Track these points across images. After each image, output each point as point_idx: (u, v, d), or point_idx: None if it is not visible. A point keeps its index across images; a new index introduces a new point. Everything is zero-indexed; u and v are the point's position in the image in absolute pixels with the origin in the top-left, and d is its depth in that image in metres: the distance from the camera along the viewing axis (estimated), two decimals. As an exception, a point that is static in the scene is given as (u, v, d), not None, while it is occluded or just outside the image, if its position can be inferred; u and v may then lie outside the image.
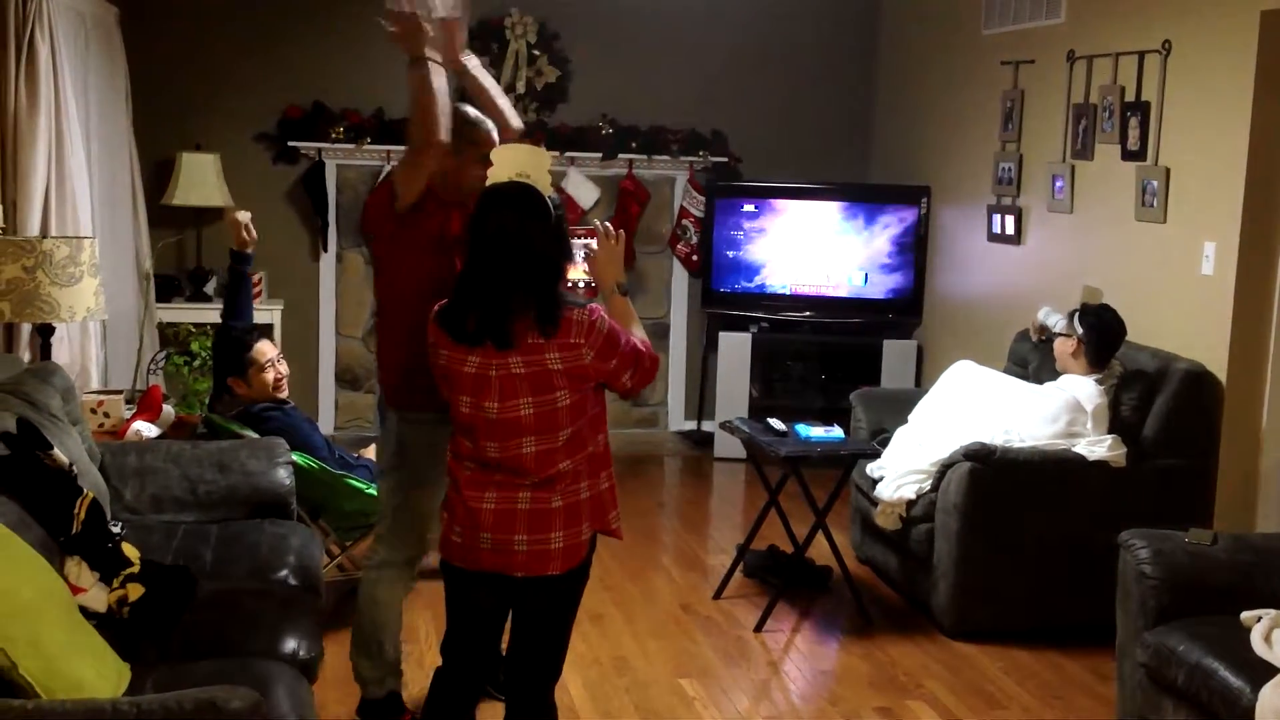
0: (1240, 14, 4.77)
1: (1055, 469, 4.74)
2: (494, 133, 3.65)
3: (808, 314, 7.42)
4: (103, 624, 3.01)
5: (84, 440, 3.96)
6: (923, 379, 7.22)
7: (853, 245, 7.42)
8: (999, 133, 6.46)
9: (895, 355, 7.33)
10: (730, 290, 7.50)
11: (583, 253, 3.27)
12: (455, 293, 2.99)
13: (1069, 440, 4.80)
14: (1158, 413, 4.85)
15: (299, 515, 4.30)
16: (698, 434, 7.84)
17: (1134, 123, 5.33)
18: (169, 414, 5.04)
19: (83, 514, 3.23)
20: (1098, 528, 4.45)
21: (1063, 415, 4.83)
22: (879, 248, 7.40)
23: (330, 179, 7.29)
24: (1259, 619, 3.44)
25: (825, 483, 5.09)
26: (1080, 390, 4.86)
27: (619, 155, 7.58)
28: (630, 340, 2.99)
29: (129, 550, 3.30)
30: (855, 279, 7.43)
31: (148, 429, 4.84)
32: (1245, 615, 3.49)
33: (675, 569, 5.57)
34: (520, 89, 7.42)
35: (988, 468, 4.69)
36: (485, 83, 3.86)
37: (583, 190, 7.54)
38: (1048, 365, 5.19)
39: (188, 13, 7.08)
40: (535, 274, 2.90)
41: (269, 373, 4.73)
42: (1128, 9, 5.45)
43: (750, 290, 7.48)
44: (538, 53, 7.47)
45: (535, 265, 2.90)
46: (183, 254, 7.14)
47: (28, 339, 4.93)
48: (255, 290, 7.01)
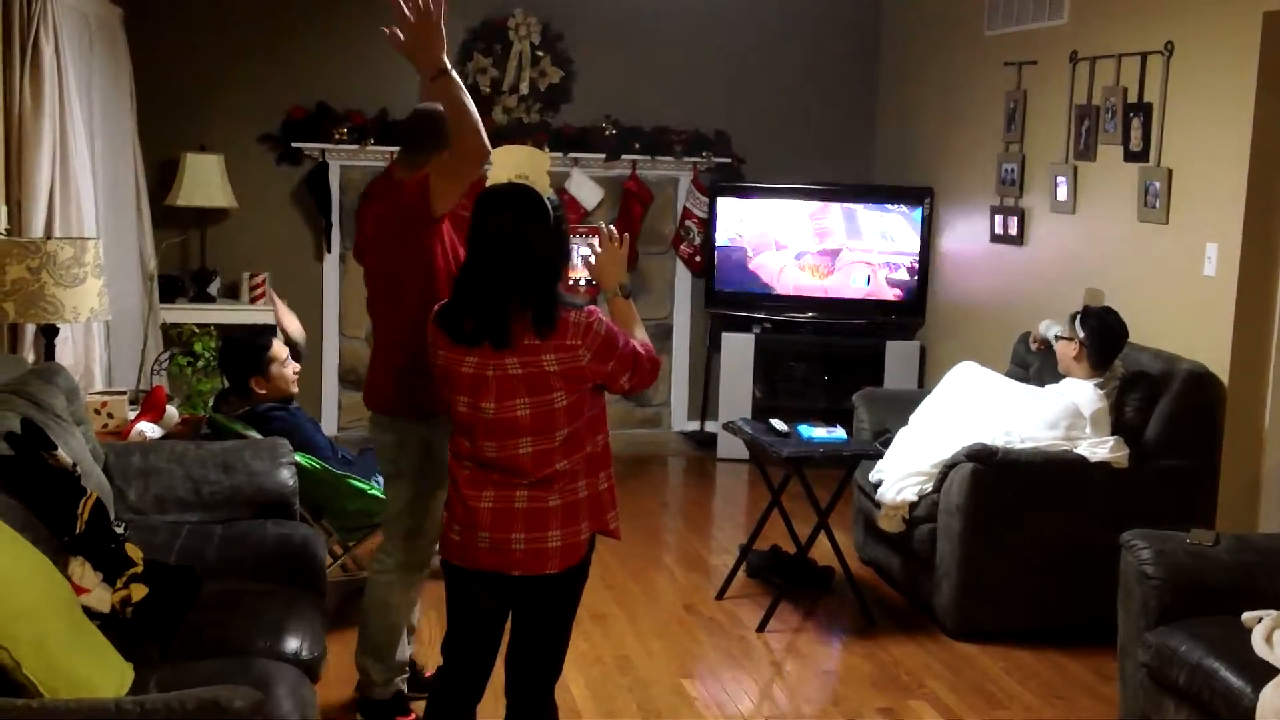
0: (1242, 15, 4.77)
1: (1057, 470, 4.74)
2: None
3: (810, 315, 7.42)
4: (106, 624, 3.01)
5: (88, 441, 3.97)
6: (925, 380, 7.22)
7: (856, 246, 7.42)
8: (1002, 134, 6.46)
9: (898, 356, 7.34)
10: (733, 291, 7.50)
11: (585, 252, 3.27)
12: (454, 293, 3.00)
13: (1069, 444, 4.80)
14: (1160, 414, 4.85)
15: (302, 515, 4.30)
16: (701, 434, 7.84)
17: (1136, 124, 5.33)
18: (172, 414, 5.06)
19: (86, 514, 3.23)
20: (1100, 528, 4.45)
21: (1062, 421, 4.83)
22: (882, 248, 7.40)
23: (334, 180, 7.29)
24: (1260, 620, 3.44)
25: (828, 483, 5.10)
26: (1080, 395, 4.86)
27: (622, 156, 7.58)
28: (629, 343, 2.99)
29: (132, 550, 3.31)
30: (858, 280, 7.43)
31: (151, 429, 4.85)
32: (1246, 616, 3.49)
33: (678, 569, 5.57)
34: (524, 90, 7.43)
35: (990, 468, 4.70)
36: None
37: (586, 191, 7.55)
38: (1049, 367, 5.19)
39: (192, 14, 7.09)
40: (533, 275, 2.90)
41: (287, 368, 4.84)
42: (1130, 10, 5.45)
43: (753, 291, 7.48)
44: (541, 53, 7.47)
45: (533, 266, 2.90)
46: (186, 255, 7.16)
47: (32, 339, 4.94)
48: (259, 291, 7.05)
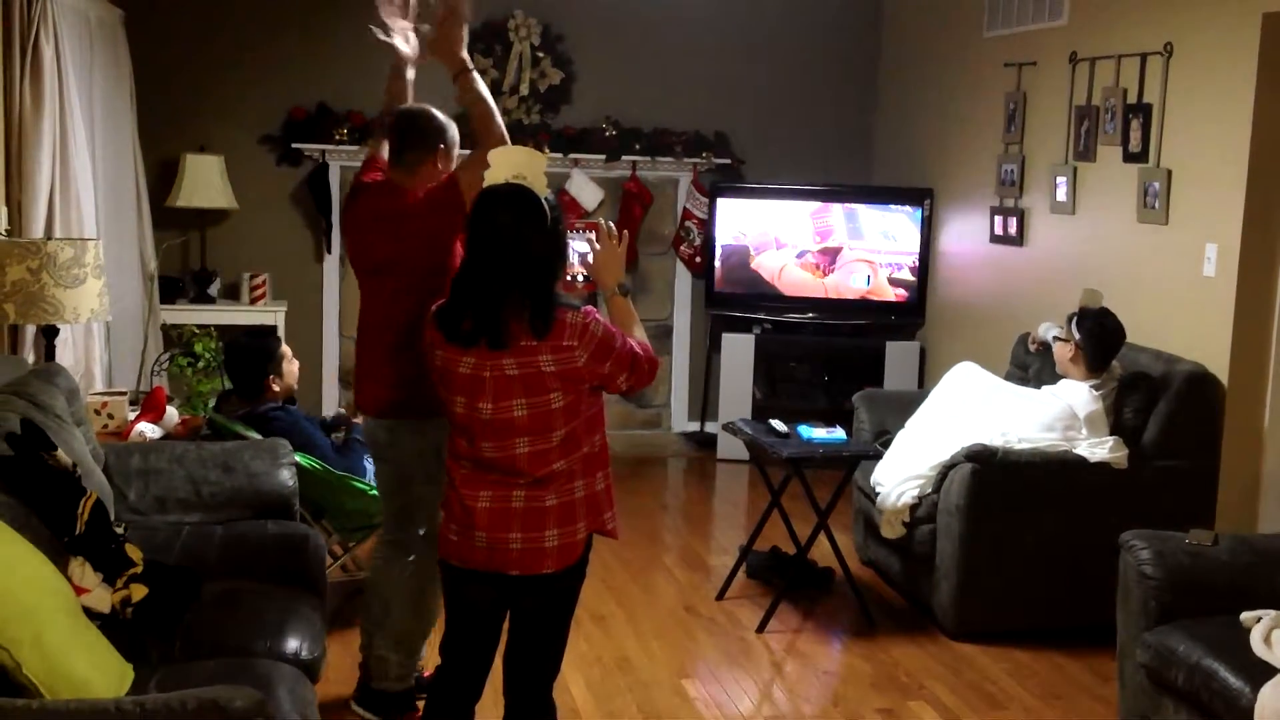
0: (1242, 16, 4.78)
1: (1057, 470, 4.74)
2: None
3: (811, 315, 7.43)
4: (106, 624, 3.01)
5: (88, 441, 3.97)
6: (925, 380, 7.22)
7: (856, 246, 7.42)
8: (1001, 134, 6.46)
9: (898, 357, 7.34)
10: (733, 292, 7.50)
11: (584, 249, 3.26)
12: (451, 293, 3.00)
13: (1066, 445, 4.80)
14: (1159, 414, 4.85)
15: (302, 516, 4.31)
16: (701, 435, 7.84)
17: (1136, 124, 5.33)
18: (172, 415, 5.06)
19: (86, 515, 3.23)
20: (1099, 529, 4.45)
21: (1057, 423, 4.83)
22: (882, 249, 7.41)
23: (334, 180, 7.29)
24: (1259, 619, 3.44)
25: (828, 484, 5.10)
26: (1075, 397, 4.87)
27: (622, 157, 7.58)
28: (627, 343, 2.99)
29: (132, 551, 3.31)
30: (858, 281, 7.43)
31: (151, 430, 4.85)
32: (1245, 616, 3.49)
33: (678, 569, 5.57)
34: (524, 91, 7.43)
35: (989, 469, 4.70)
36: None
37: (586, 192, 7.55)
38: (1048, 368, 5.19)
39: (192, 15, 7.09)
40: (530, 276, 2.90)
41: (294, 364, 4.92)
42: (1130, 11, 5.46)
43: (753, 292, 7.48)
44: (541, 54, 7.48)
45: (530, 267, 2.90)
46: (187, 255, 7.16)
47: (32, 340, 4.94)
48: (259, 292, 7.05)
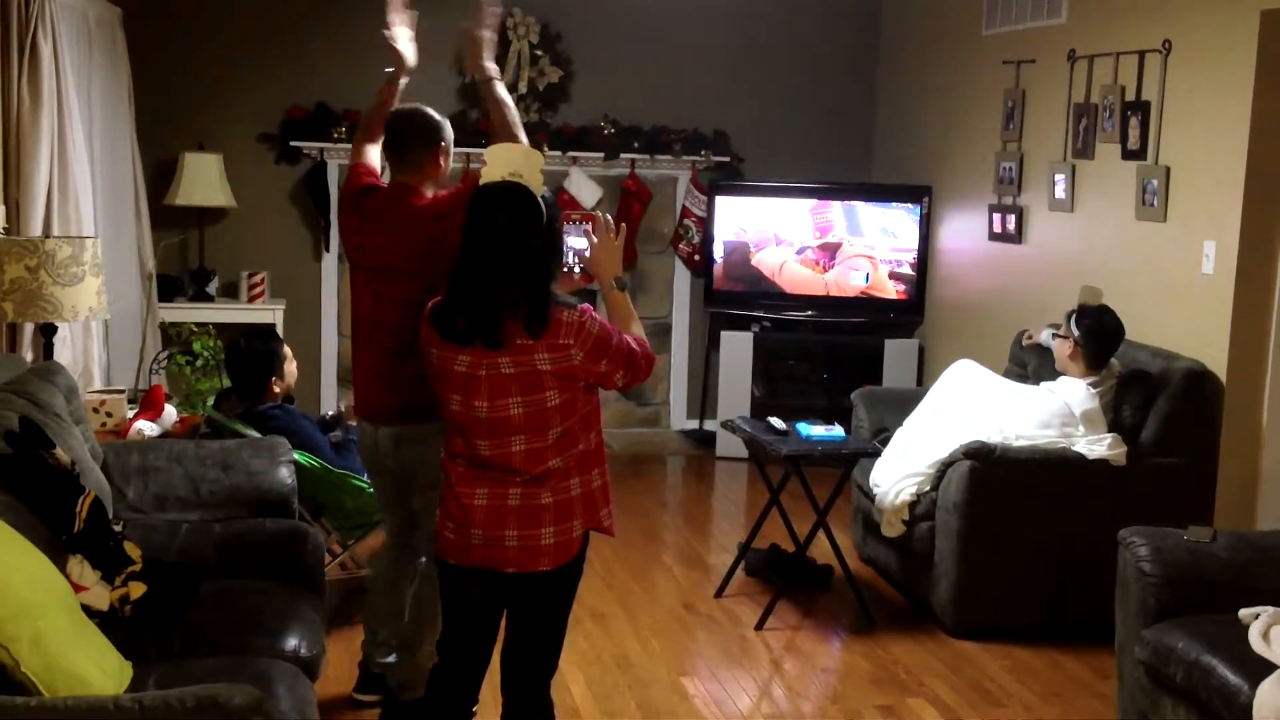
0: (1240, 13, 4.77)
1: (1055, 467, 4.74)
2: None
3: (809, 313, 7.43)
4: (105, 622, 3.01)
5: (87, 439, 3.97)
6: (924, 378, 7.22)
7: (854, 244, 7.42)
8: (1000, 132, 6.46)
9: (897, 354, 7.34)
10: (732, 290, 7.51)
11: (581, 244, 3.25)
12: (447, 292, 3.00)
13: (1065, 442, 4.81)
14: (1158, 411, 4.86)
15: (301, 514, 4.31)
16: (700, 433, 7.84)
17: (1134, 122, 5.33)
18: (171, 413, 5.06)
19: (85, 513, 3.24)
20: (1098, 526, 4.45)
21: (1054, 420, 4.84)
22: (881, 247, 7.41)
23: (332, 179, 7.28)
24: (1257, 616, 3.44)
25: (827, 482, 5.09)
26: (1071, 395, 4.87)
27: (621, 155, 7.58)
28: (623, 340, 2.98)
29: (131, 549, 3.31)
30: (857, 278, 7.43)
31: (150, 428, 4.85)
32: (1244, 612, 3.49)
33: (677, 567, 5.58)
34: (522, 89, 7.42)
35: (988, 466, 4.70)
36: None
37: (585, 190, 7.55)
38: (1047, 365, 5.19)
39: (190, 13, 7.09)
40: (526, 274, 2.89)
41: (293, 364, 4.92)
42: (1128, 9, 5.45)
43: (752, 290, 7.48)
44: (540, 53, 7.48)
45: (526, 265, 2.89)
46: (185, 254, 7.16)
47: (30, 339, 4.94)
48: (258, 291, 7.05)
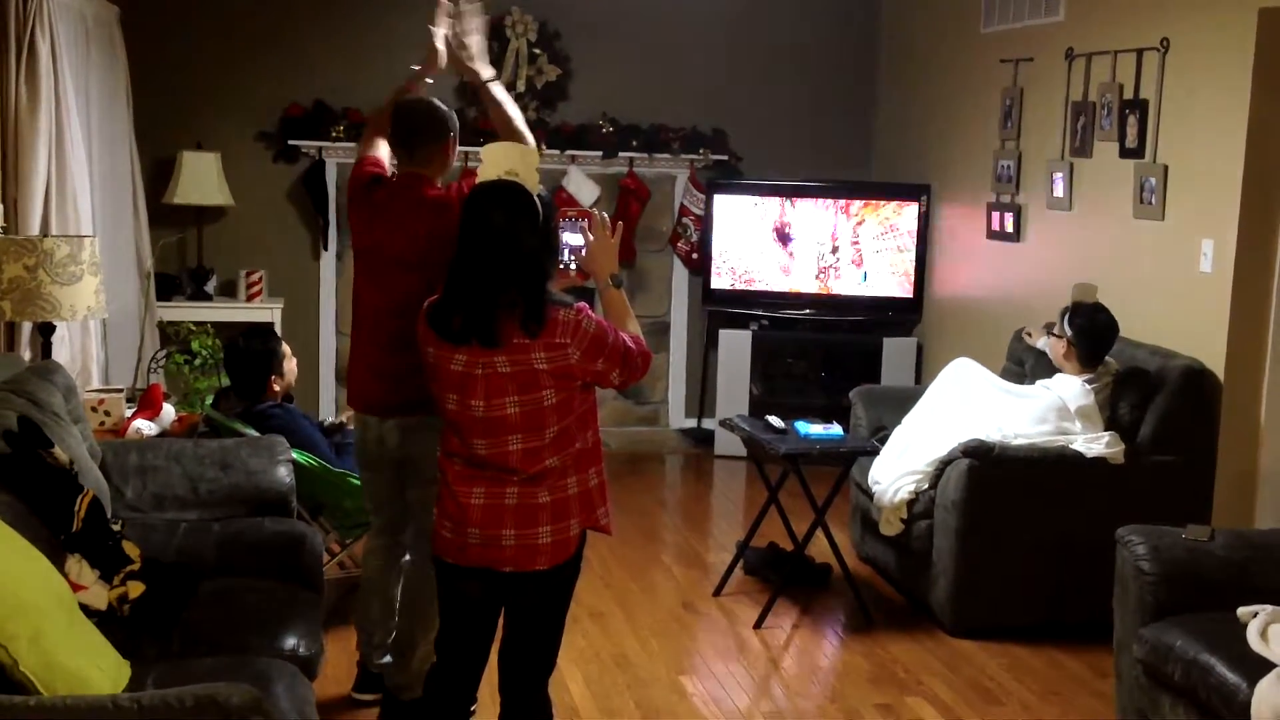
0: (1238, 12, 4.77)
1: (1054, 466, 4.74)
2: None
3: (808, 312, 7.43)
4: (103, 621, 3.01)
5: (85, 438, 3.97)
6: (923, 376, 7.22)
7: (853, 243, 7.42)
8: (998, 130, 6.47)
9: (895, 353, 7.34)
10: (730, 288, 7.51)
11: (577, 241, 3.24)
12: (443, 290, 2.99)
13: (1063, 439, 4.81)
14: (1156, 410, 4.86)
15: (299, 513, 4.31)
16: (698, 431, 7.84)
17: (1132, 120, 5.33)
18: (169, 412, 5.06)
19: (83, 512, 3.24)
20: (1096, 524, 4.44)
21: (1050, 415, 4.84)
22: (879, 245, 7.41)
23: (331, 178, 7.29)
24: (1255, 614, 3.45)
25: (825, 480, 5.10)
26: (1066, 391, 4.87)
27: (620, 154, 7.58)
28: (619, 338, 2.98)
29: (129, 548, 3.31)
30: (855, 277, 7.43)
31: (148, 427, 4.85)
32: (1242, 611, 3.49)
33: (676, 566, 5.58)
34: (521, 87, 7.42)
35: (986, 465, 4.70)
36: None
37: (583, 189, 7.54)
38: (1045, 363, 5.19)
39: (188, 12, 7.08)
40: (522, 273, 2.89)
41: (292, 361, 4.91)
42: (1126, 7, 5.45)
43: (750, 288, 7.48)
44: (538, 51, 7.47)
45: (522, 264, 2.89)
46: (183, 253, 7.15)
47: (29, 338, 4.94)
48: (256, 289, 7.05)
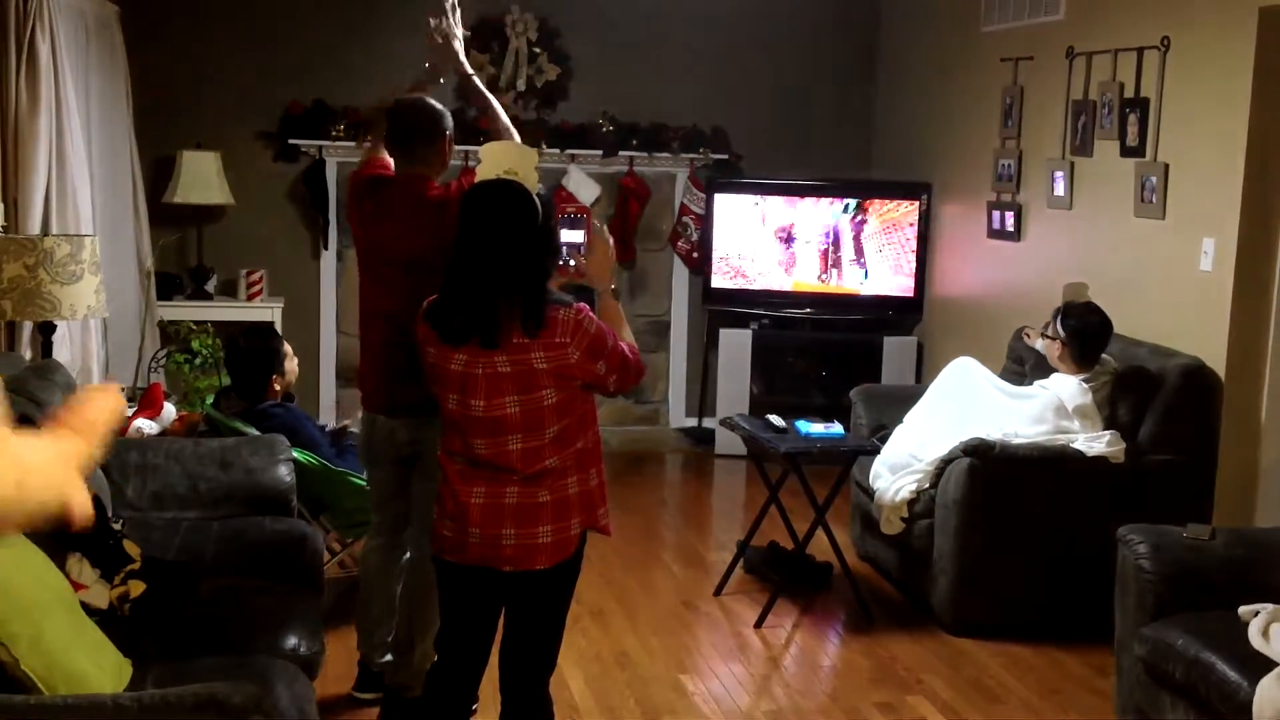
0: (1239, 11, 4.77)
1: (1054, 465, 4.74)
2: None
3: (808, 311, 7.43)
4: (104, 620, 3.01)
5: (86, 437, 3.96)
6: (923, 375, 7.22)
7: (853, 242, 7.42)
8: (999, 129, 6.46)
9: (895, 352, 7.34)
10: (731, 287, 7.50)
11: (578, 238, 3.25)
12: (442, 290, 2.99)
13: (1063, 438, 4.80)
14: (1156, 408, 4.86)
15: (300, 512, 4.31)
16: (699, 431, 7.84)
17: (1133, 119, 5.33)
18: (170, 411, 5.06)
19: (84, 511, 3.23)
20: (1097, 523, 4.45)
21: (1048, 416, 4.84)
22: (879, 244, 7.41)
23: (331, 176, 7.28)
24: (1257, 613, 3.45)
25: (825, 479, 5.09)
26: (1063, 390, 4.87)
27: (620, 152, 7.58)
28: (618, 344, 2.99)
29: (130, 547, 3.31)
30: (855, 276, 7.43)
31: (149, 426, 4.85)
32: (1243, 609, 3.50)
33: (676, 565, 5.58)
34: (521, 86, 7.42)
35: (987, 464, 4.69)
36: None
37: (583, 188, 7.54)
38: (1045, 362, 5.19)
39: (188, 11, 7.08)
40: (522, 272, 2.89)
41: (293, 361, 4.92)
42: (1127, 6, 5.45)
43: (751, 287, 7.48)
44: (538, 50, 7.47)
45: (522, 264, 2.89)
46: (184, 252, 7.15)
47: (29, 337, 4.94)
48: (256, 289, 7.04)
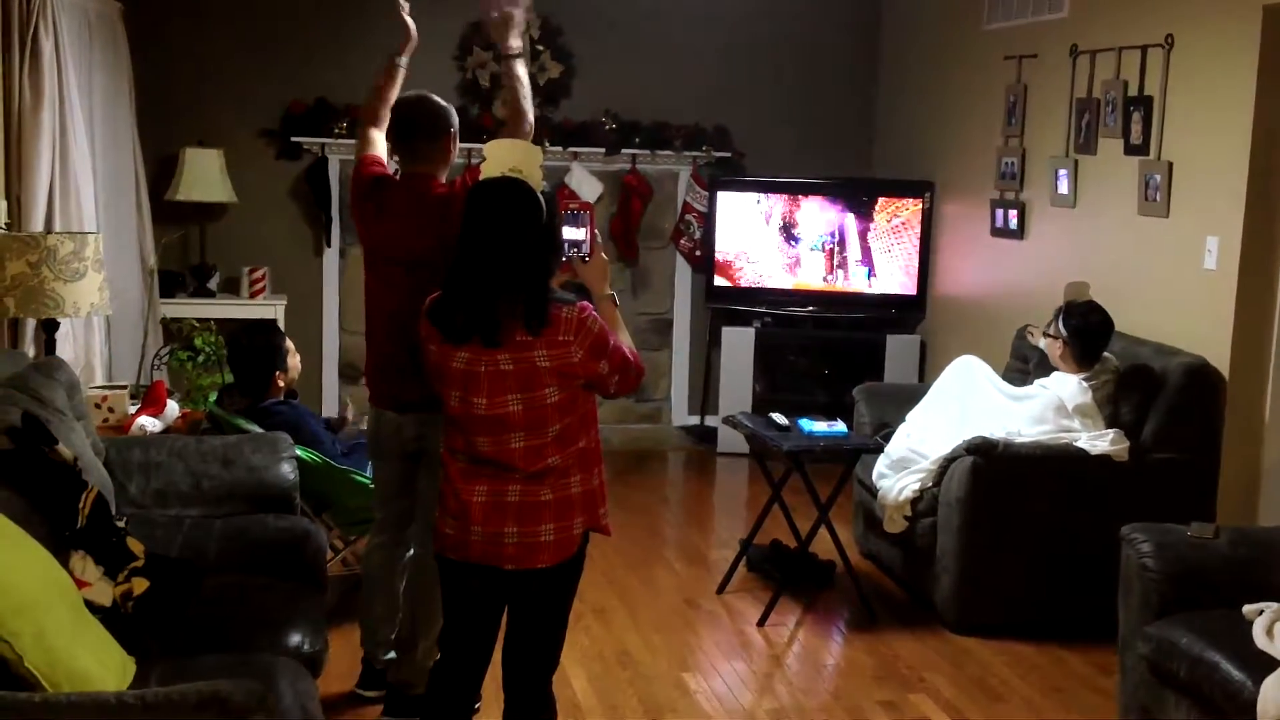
0: (1242, 8, 4.77)
1: (1057, 463, 4.74)
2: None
3: (811, 309, 7.42)
4: (107, 618, 3.01)
5: (89, 435, 3.97)
6: (926, 374, 7.21)
7: (856, 240, 7.42)
8: (1002, 127, 6.46)
9: (898, 350, 7.33)
10: (733, 285, 7.50)
11: (579, 236, 3.23)
12: (445, 288, 2.98)
13: (1066, 436, 4.80)
14: (1160, 407, 4.85)
15: (303, 510, 4.30)
16: (701, 429, 7.84)
17: (1137, 117, 5.32)
18: (173, 409, 5.06)
19: (87, 508, 3.23)
20: (1100, 522, 4.45)
21: (1049, 416, 4.84)
22: (882, 243, 7.40)
23: (333, 174, 7.28)
24: (1261, 612, 3.45)
25: (828, 478, 5.09)
26: (1063, 389, 4.87)
27: (622, 150, 7.57)
28: (620, 345, 2.99)
29: (133, 544, 3.31)
30: (858, 274, 7.43)
31: (152, 424, 4.85)
32: (1247, 608, 3.49)
33: (679, 563, 5.58)
34: (523, 84, 7.42)
35: (990, 462, 4.69)
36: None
37: (586, 186, 7.54)
38: (1048, 360, 5.19)
39: (191, 8, 7.08)
40: (525, 271, 2.88)
41: (295, 357, 4.91)
42: (1130, 3, 5.44)
43: (753, 285, 7.48)
44: (541, 48, 7.46)
45: (525, 262, 2.89)
46: (186, 249, 7.15)
47: (32, 334, 4.94)
48: (259, 286, 7.05)
